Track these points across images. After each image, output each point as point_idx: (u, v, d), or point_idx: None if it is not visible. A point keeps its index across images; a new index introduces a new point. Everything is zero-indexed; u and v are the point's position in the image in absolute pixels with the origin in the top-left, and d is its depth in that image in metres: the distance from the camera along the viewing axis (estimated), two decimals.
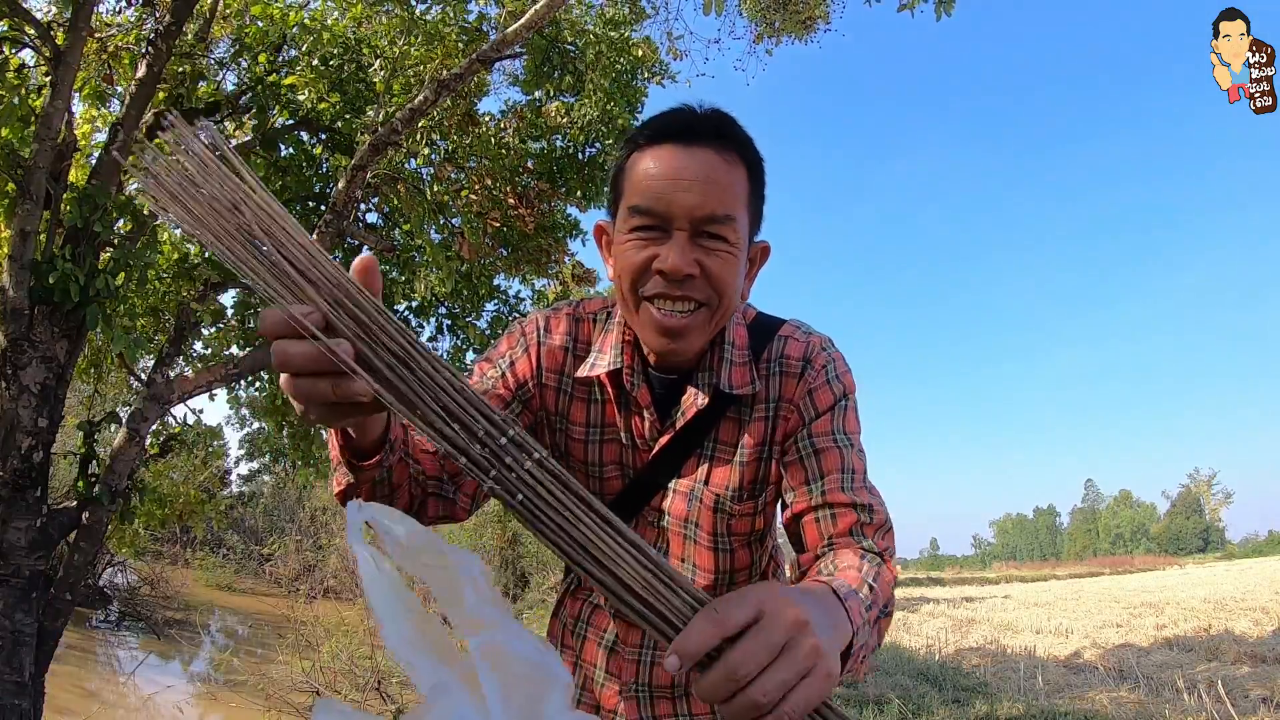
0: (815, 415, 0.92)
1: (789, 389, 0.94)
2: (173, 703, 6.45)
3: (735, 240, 0.84)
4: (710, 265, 0.83)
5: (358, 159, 3.94)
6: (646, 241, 0.84)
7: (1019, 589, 21.07)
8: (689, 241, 0.83)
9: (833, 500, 0.90)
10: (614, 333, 0.95)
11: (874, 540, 0.87)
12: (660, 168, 0.83)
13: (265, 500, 19.75)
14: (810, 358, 0.94)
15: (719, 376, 0.92)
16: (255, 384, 5.54)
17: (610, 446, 0.97)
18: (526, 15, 3.82)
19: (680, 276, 0.82)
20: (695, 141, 0.83)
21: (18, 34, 3.55)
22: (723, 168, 0.83)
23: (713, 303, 0.85)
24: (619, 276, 0.88)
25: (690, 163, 0.82)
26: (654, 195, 0.83)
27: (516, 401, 0.96)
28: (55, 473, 6.27)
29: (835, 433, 0.92)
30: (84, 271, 3.26)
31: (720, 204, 0.82)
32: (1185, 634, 8.27)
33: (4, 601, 3.22)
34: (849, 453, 0.92)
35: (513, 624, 0.37)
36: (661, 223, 0.83)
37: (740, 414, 0.94)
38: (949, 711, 4.99)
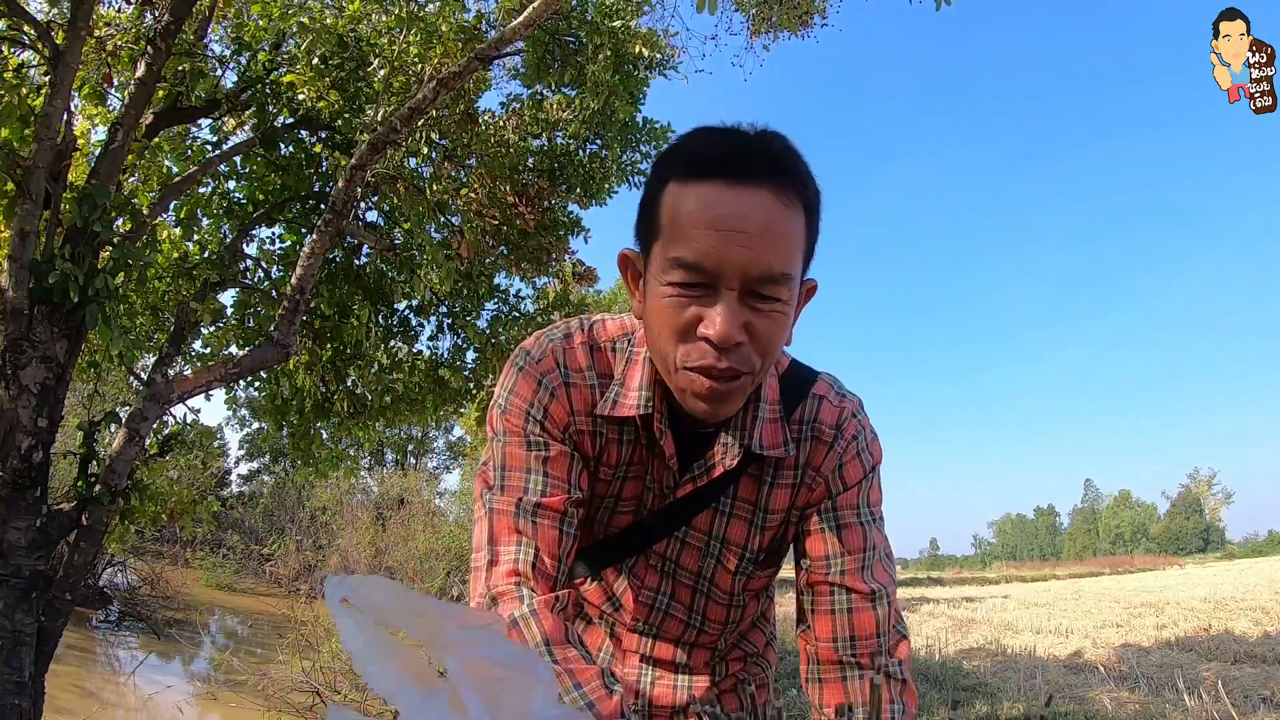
0: (843, 489, 0.89)
1: (818, 456, 0.89)
2: (173, 703, 6.45)
3: (789, 299, 0.75)
4: (760, 328, 0.74)
5: (357, 158, 3.94)
6: (689, 299, 0.73)
7: (1019, 589, 21.07)
8: (739, 303, 0.72)
9: (851, 585, 0.87)
10: (640, 368, 0.86)
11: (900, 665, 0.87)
12: (709, 214, 0.71)
13: (265, 500, 19.76)
14: (842, 426, 0.89)
15: (750, 436, 0.85)
16: (255, 384, 5.54)
17: (633, 484, 0.92)
18: (525, 13, 3.82)
19: (730, 345, 0.73)
20: (749, 180, 0.71)
21: (17, 34, 3.54)
22: (782, 216, 0.72)
23: (756, 368, 0.76)
24: (656, 332, 0.77)
25: (745, 210, 0.71)
26: (700, 248, 0.71)
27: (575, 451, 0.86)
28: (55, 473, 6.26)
29: (860, 507, 0.89)
30: (84, 271, 3.26)
31: (779, 261, 0.72)
32: (1185, 634, 8.26)
33: (4, 601, 3.21)
34: (871, 530, 0.89)
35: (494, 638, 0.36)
36: (709, 279, 0.72)
37: (763, 473, 0.89)
38: (949, 712, 4.99)
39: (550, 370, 0.87)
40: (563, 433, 0.86)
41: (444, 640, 0.36)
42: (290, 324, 4.08)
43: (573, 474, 0.85)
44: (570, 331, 0.90)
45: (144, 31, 3.95)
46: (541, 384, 0.86)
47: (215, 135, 4.91)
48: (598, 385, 0.87)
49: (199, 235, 5.17)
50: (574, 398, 0.86)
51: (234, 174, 5.07)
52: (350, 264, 5.44)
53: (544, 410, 0.85)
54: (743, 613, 0.99)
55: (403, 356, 5.77)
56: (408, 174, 5.01)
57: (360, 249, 5.49)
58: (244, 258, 5.21)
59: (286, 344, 4.08)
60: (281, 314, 4.10)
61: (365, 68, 4.60)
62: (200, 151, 4.94)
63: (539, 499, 0.83)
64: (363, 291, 5.38)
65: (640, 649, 1.00)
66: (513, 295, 5.88)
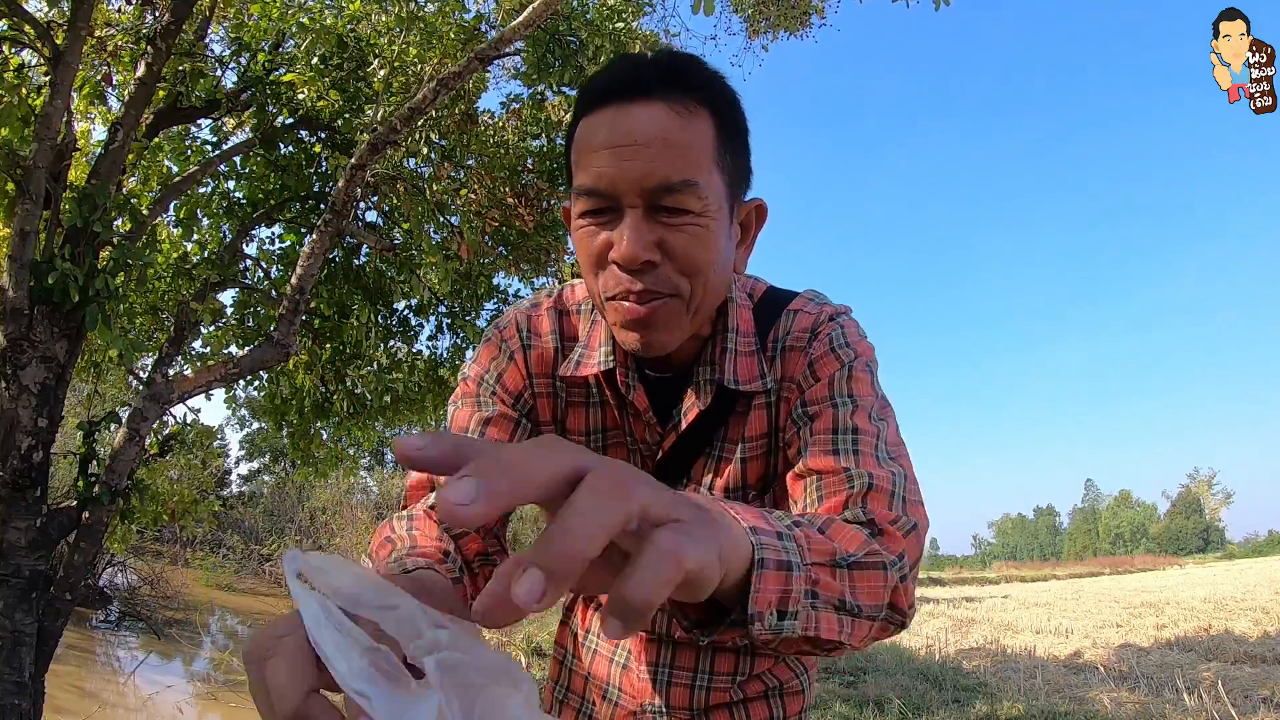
0: (814, 381, 0.78)
1: (791, 365, 0.81)
2: (173, 703, 6.45)
3: (703, 208, 0.69)
4: (674, 243, 0.69)
5: (357, 158, 3.94)
6: (599, 226, 0.71)
7: (1019, 589, 21.07)
8: (644, 220, 0.68)
9: (817, 466, 0.72)
10: (603, 325, 0.82)
11: (869, 510, 0.67)
12: (602, 136, 0.68)
13: (265, 500, 19.76)
14: (817, 328, 0.81)
15: (721, 371, 0.79)
16: (254, 384, 5.54)
17: (616, 452, 0.86)
18: (525, 13, 3.82)
19: (637, 265, 0.68)
20: (641, 96, 0.68)
21: (17, 34, 3.54)
22: (677, 124, 0.67)
23: (683, 290, 0.71)
24: (583, 271, 0.75)
25: (634, 123, 0.67)
26: (596, 170, 0.68)
27: (522, 418, 0.83)
28: (55, 473, 6.26)
29: (834, 395, 0.76)
30: (83, 271, 3.26)
31: (674, 168, 0.67)
32: (1185, 634, 8.27)
33: (4, 601, 3.22)
34: (846, 412, 0.74)
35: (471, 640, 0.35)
36: (610, 202, 0.69)
37: (747, 407, 0.83)
38: (949, 711, 4.99)
39: (511, 336, 0.86)
40: (514, 398, 0.84)
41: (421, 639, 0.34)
42: (290, 324, 4.08)
43: (513, 439, 0.81)
44: (539, 300, 0.89)
45: (144, 31, 3.95)
46: (501, 349, 0.85)
47: (215, 135, 4.91)
48: (561, 348, 0.85)
49: (199, 235, 5.17)
50: (532, 360, 0.85)
51: (234, 174, 5.07)
52: (350, 264, 5.44)
53: (497, 376, 0.84)
54: None
55: (402, 356, 5.77)
56: (407, 174, 5.01)
57: (360, 249, 5.49)
58: (244, 258, 5.22)
59: (286, 344, 4.08)
60: (281, 314, 4.10)
61: (365, 68, 4.60)
62: (200, 151, 4.94)
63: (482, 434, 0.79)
64: (362, 291, 5.38)
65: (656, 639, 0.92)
66: (512, 295, 5.89)
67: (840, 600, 0.56)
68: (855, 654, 7.35)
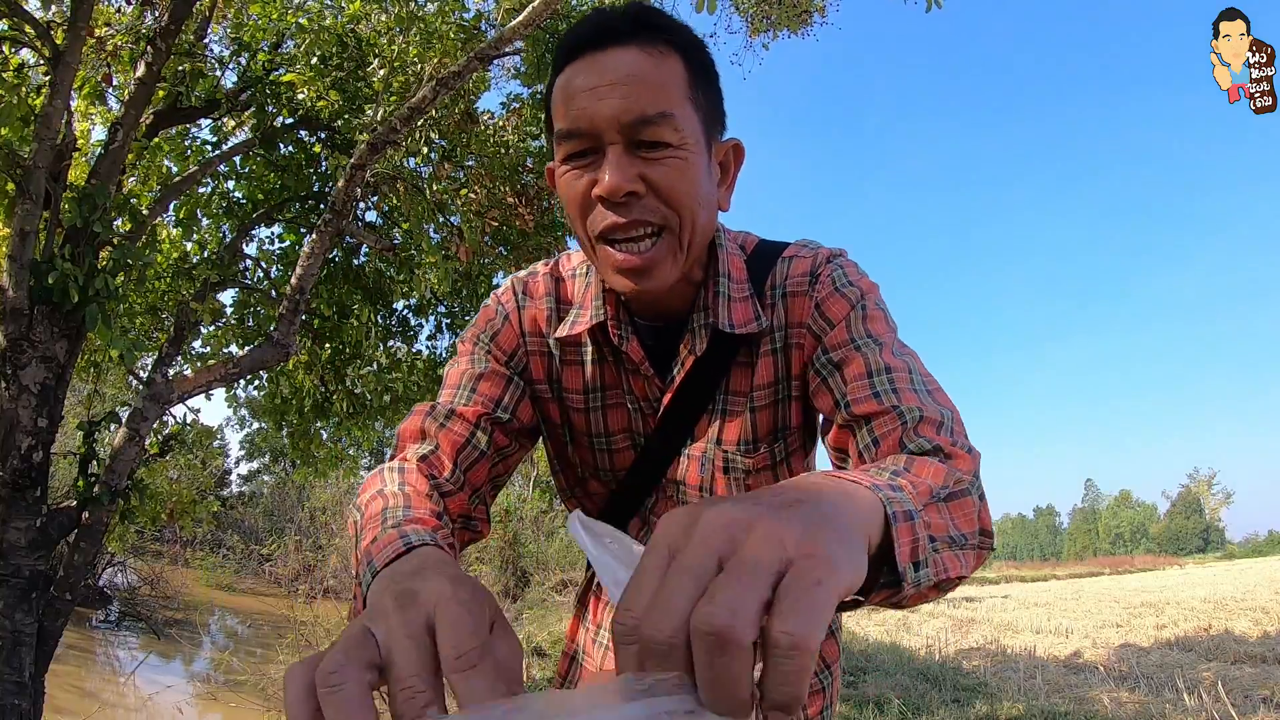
0: (829, 328, 0.78)
1: (797, 310, 0.81)
2: (173, 703, 6.45)
3: (680, 140, 0.70)
4: (656, 177, 0.70)
5: (357, 158, 3.94)
6: (582, 169, 0.72)
7: (1019, 589, 21.06)
8: (625, 154, 0.70)
9: (864, 412, 0.72)
10: (594, 283, 0.83)
11: (931, 438, 0.67)
12: (577, 81, 0.71)
13: (265, 500, 19.77)
14: (816, 270, 0.81)
15: (715, 315, 0.79)
16: (254, 384, 5.54)
17: (616, 412, 0.86)
18: (524, 13, 3.82)
19: (620, 196, 0.69)
20: (611, 43, 0.71)
21: (17, 33, 3.54)
22: (649, 63, 0.70)
23: (672, 222, 0.72)
24: (570, 219, 0.76)
25: (607, 65, 0.70)
26: (575, 112, 0.70)
27: (515, 376, 0.84)
28: (55, 473, 6.27)
29: (854, 338, 0.77)
30: (83, 271, 3.26)
31: (651, 101, 0.69)
32: (1185, 634, 8.27)
33: (4, 601, 3.21)
34: (875, 352, 0.75)
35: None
36: (591, 142, 0.71)
37: (751, 357, 0.82)
38: (949, 711, 4.99)
39: (508, 299, 0.88)
40: (508, 356, 0.85)
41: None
42: (290, 324, 4.08)
43: (506, 396, 0.82)
44: (536, 268, 0.91)
45: (144, 31, 3.95)
46: (496, 311, 0.87)
47: (215, 135, 4.91)
48: (555, 310, 0.86)
49: (199, 235, 5.17)
50: (525, 319, 0.86)
51: (234, 174, 5.07)
52: (350, 264, 5.45)
53: (492, 335, 0.86)
54: None
55: (402, 356, 5.78)
56: (407, 174, 5.01)
57: (360, 249, 5.50)
58: (244, 258, 5.22)
59: (286, 344, 4.08)
60: (281, 314, 4.10)
61: (365, 68, 4.60)
62: (200, 151, 4.94)
63: (454, 407, 0.80)
64: (362, 291, 5.38)
65: None
66: None
67: (949, 537, 0.56)
68: (855, 654, 7.34)
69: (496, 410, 0.81)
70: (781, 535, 0.33)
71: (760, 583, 0.31)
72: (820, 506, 0.38)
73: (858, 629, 9.94)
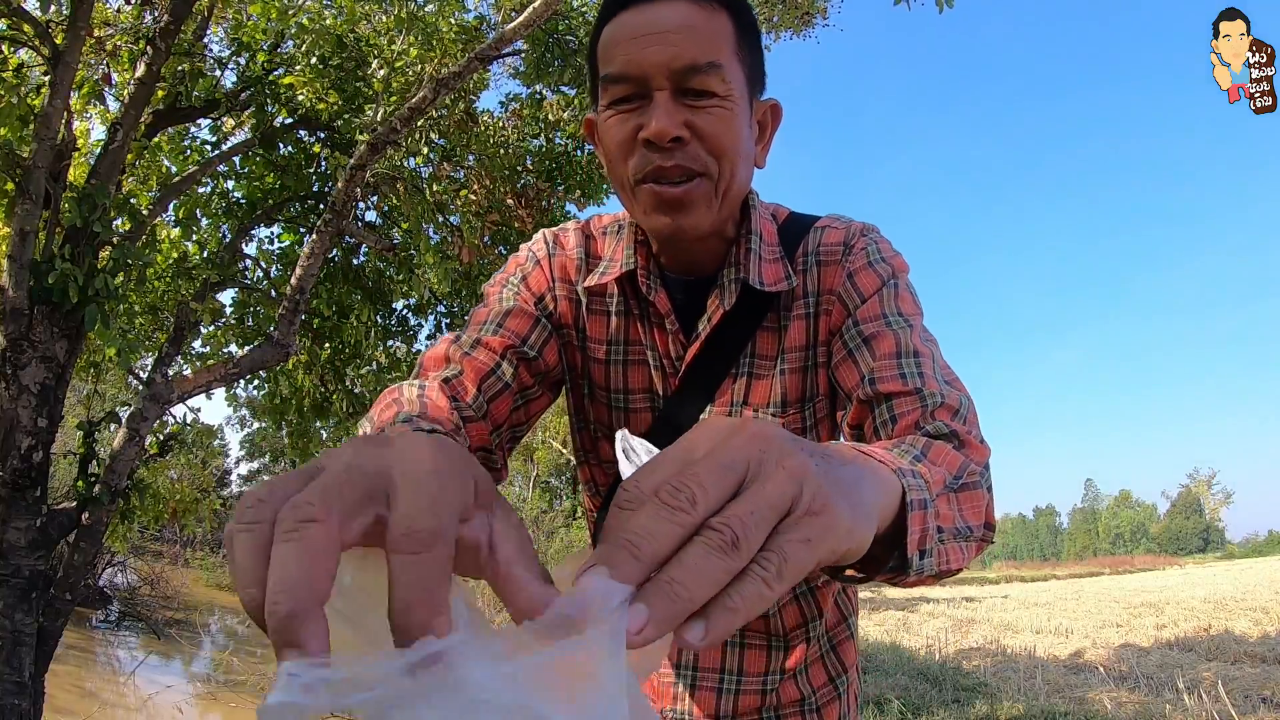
0: (860, 301, 0.79)
1: (829, 278, 0.81)
2: (173, 703, 6.45)
3: (726, 91, 0.72)
4: (701, 125, 0.71)
5: (357, 158, 3.94)
6: (628, 114, 0.73)
7: (1019, 589, 21.07)
8: (672, 101, 0.71)
9: (888, 390, 0.72)
10: (625, 236, 0.84)
11: (945, 422, 0.68)
12: (629, 30, 0.72)
13: None
14: (850, 242, 0.82)
15: (745, 270, 0.79)
16: (254, 383, 5.54)
17: (637, 369, 0.85)
18: (525, 14, 3.82)
19: (666, 140, 0.70)
20: None
21: (16, 33, 3.54)
22: (700, 15, 0.72)
23: (712, 170, 0.73)
24: (609, 164, 0.77)
25: (660, 15, 0.71)
26: (625, 58, 0.72)
27: (543, 318, 0.84)
28: (55, 473, 6.26)
29: (886, 315, 0.77)
30: (83, 271, 3.26)
31: (701, 51, 0.71)
32: (1185, 634, 8.27)
33: (4, 601, 3.21)
34: (906, 334, 0.75)
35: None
36: (639, 88, 0.72)
37: (779, 320, 0.82)
38: (949, 711, 4.99)
39: (539, 246, 0.89)
40: (537, 298, 0.85)
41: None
42: (290, 324, 4.07)
43: (533, 334, 0.81)
44: (568, 224, 0.92)
45: (143, 31, 3.95)
46: (528, 257, 0.88)
47: (215, 135, 4.91)
48: (585, 262, 0.87)
49: (198, 235, 5.17)
50: (555, 266, 0.87)
51: (233, 174, 5.07)
52: (349, 264, 5.44)
53: (522, 278, 0.86)
54: None
55: (401, 356, 5.77)
56: (407, 174, 5.01)
57: (359, 249, 5.49)
58: (243, 257, 5.21)
59: (286, 344, 4.08)
60: (281, 314, 4.10)
61: (364, 68, 4.60)
62: (200, 151, 4.93)
63: (480, 337, 0.79)
64: (361, 291, 5.38)
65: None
66: None
67: (955, 528, 0.57)
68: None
69: (523, 345, 0.80)
70: (805, 482, 0.32)
71: (767, 520, 0.31)
72: (847, 472, 0.38)
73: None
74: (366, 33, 4.74)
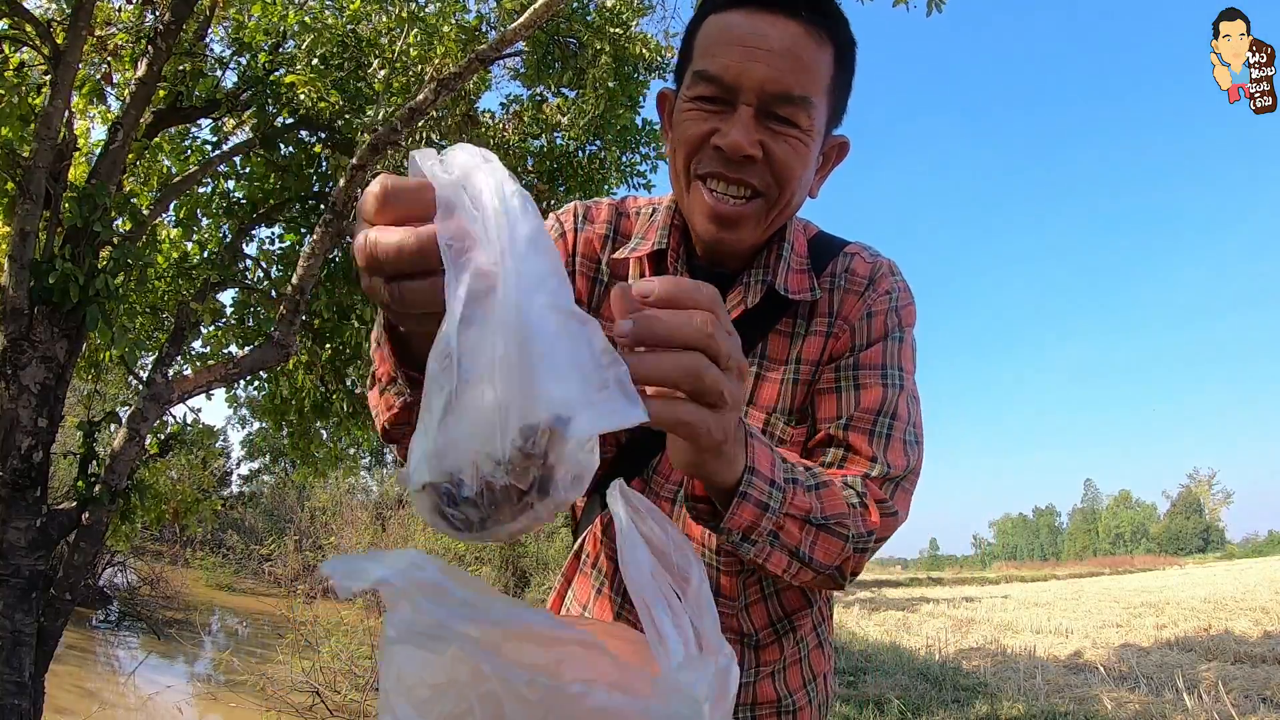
0: (867, 344, 0.81)
1: (849, 306, 0.82)
2: (173, 703, 6.45)
3: (809, 126, 0.73)
4: (775, 150, 0.72)
5: (358, 158, 3.94)
6: (708, 114, 0.74)
7: (1019, 589, 21.06)
8: (755, 119, 0.72)
9: (853, 443, 0.77)
10: (661, 217, 0.85)
11: (870, 488, 0.74)
12: (735, 31, 0.72)
13: (265, 500, 19.74)
14: (876, 278, 0.83)
15: (774, 276, 0.81)
16: (254, 384, 5.54)
17: None
18: (525, 14, 3.82)
19: (739, 156, 0.72)
20: (781, 9, 0.72)
21: (17, 33, 3.54)
22: (808, 44, 0.71)
23: (771, 193, 0.75)
24: (673, 150, 0.78)
25: (770, 30, 0.71)
26: (723, 62, 0.72)
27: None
28: (55, 473, 6.26)
29: (886, 368, 0.80)
30: (84, 271, 3.26)
31: (798, 82, 0.71)
32: (1185, 634, 8.27)
33: (4, 601, 3.21)
34: (895, 394, 0.79)
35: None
36: (727, 94, 0.72)
37: (795, 327, 0.83)
38: (949, 711, 4.99)
39: (567, 218, 0.90)
40: None
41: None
42: (290, 324, 4.07)
43: None
44: (601, 200, 0.93)
45: (144, 31, 3.95)
46: (553, 227, 0.89)
47: (215, 135, 4.91)
48: (613, 238, 0.88)
49: (199, 235, 5.17)
50: (580, 241, 0.88)
51: (234, 174, 5.06)
52: (350, 264, 5.44)
53: None
54: None
55: None
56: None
57: None
58: (244, 258, 5.21)
59: (286, 344, 4.08)
60: (281, 314, 4.10)
61: (365, 68, 4.60)
62: (200, 151, 4.93)
63: None
64: (362, 292, 5.36)
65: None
66: None
67: (795, 549, 0.67)
68: (855, 654, 7.34)
69: None
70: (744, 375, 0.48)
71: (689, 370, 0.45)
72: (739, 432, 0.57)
73: (858, 629, 9.94)
74: (367, 33, 4.74)
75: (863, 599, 15.83)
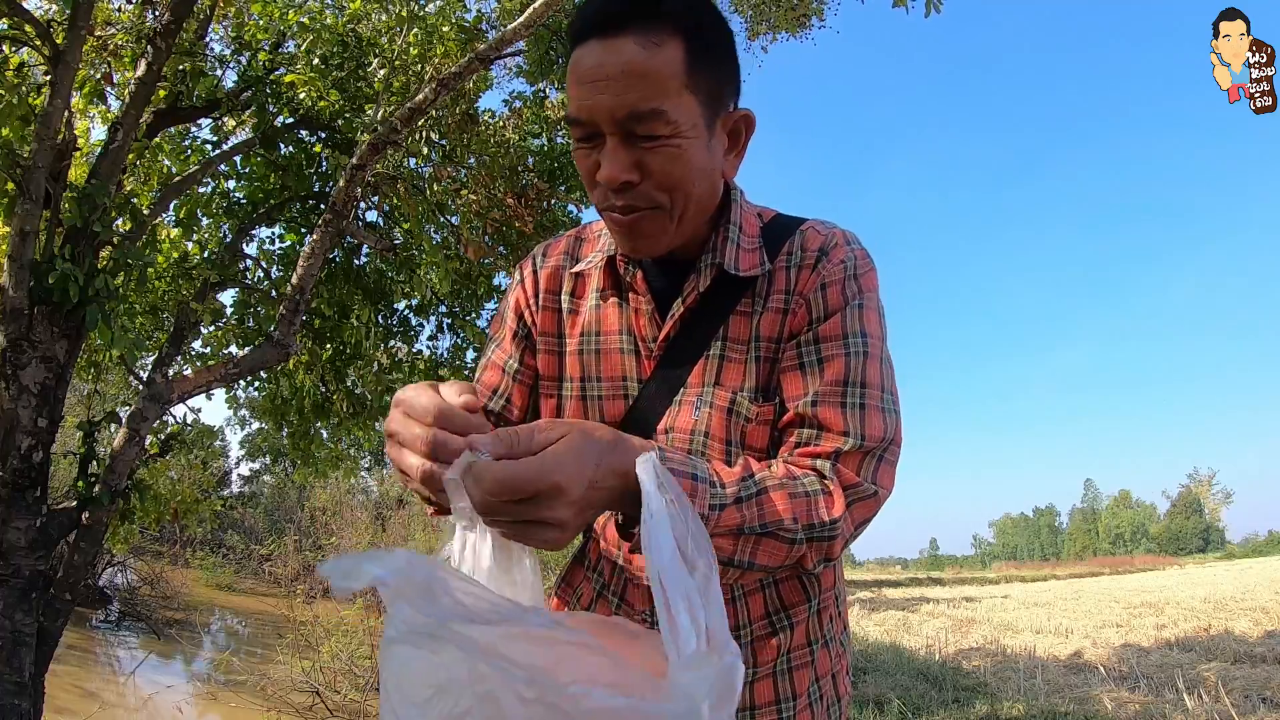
0: (824, 315, 0.81)
1: (803, 280, 0.83)
2: (173, 703, 6.45)
3: (673, 130, 0.74)
4: (651, 164, 0.75)
5: (357, 158, 3.94)
6: (588, 150, 0.77)
7: (1019, 589, 21.06)
8: (621, 146, 0.74)
9: (823, 419, 0.77)
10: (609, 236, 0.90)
11: (839, 466, 0.74)
12: (579, 69, 0.75)
13: (265, 500, 19.75)
14: (829, 249, 0.83)
15: (722, 255, 0.83)
16: (254, 384, 5.53)
17: (611, 357, 0.87)
18: (526, 13, 3.81)
19: (617, 185, 0.75)
20: (615, 31, 0.73)
21: (17, 33, 3.54)
22: (641, 56, 0.72)
23: (664, 203, 0.77)
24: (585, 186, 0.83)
25: (606, 57, 0.73)
26: (577, 103, 0.75)
27: (524, 329, 0.92)
28: (55, 473, 6.26)
29: (847, 335, 0.79)
30: (83, 271, 3.25)
31: (640, 98, 0.72)
32: (1185, 634, 8.27)
33: (4, 601, 3.21)
34: (859, 361, 0.78)
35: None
36: (593, 129, 0.75)
37: (754, 306, 0.84)
38: (949, 711, 4.99)
39: (525, 265, 0.96)
40: (518, 317, 0.93)
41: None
42: (290, 324, 4.07)
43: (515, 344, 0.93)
44: (563, 233, 0.99)
45: (144, 30, 3.95)
46: (515, 280, 0.96)
47: (215, 135, 4.91)
48: (569, 266, 0.93)
49: (199, 235, 5.16)
50: (541, 280, 0.93)
51: (234, 174, 5.06)
52: (350, 264, 5.44)
53: (510, 304, 0.95)
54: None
55: (402, 356, 5.76)
56: (407, 174, 5.00)
57: (360, 249, 5.49)
58: (244, 258, 5.21)
59: (286, 344, 4.08)
60: (281, 314, 4.10)
61: (365, 68, 4.60)
62: (200, 151, 4.93)
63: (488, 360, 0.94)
64: (362, 291, 5.37)
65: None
66: None
67: (730, 559, 0.69)
68: (855, 654, 7.33)
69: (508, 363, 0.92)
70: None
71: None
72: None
73: (858, 629, 9.94)
74: (367, 32, 4.73)
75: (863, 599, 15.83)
